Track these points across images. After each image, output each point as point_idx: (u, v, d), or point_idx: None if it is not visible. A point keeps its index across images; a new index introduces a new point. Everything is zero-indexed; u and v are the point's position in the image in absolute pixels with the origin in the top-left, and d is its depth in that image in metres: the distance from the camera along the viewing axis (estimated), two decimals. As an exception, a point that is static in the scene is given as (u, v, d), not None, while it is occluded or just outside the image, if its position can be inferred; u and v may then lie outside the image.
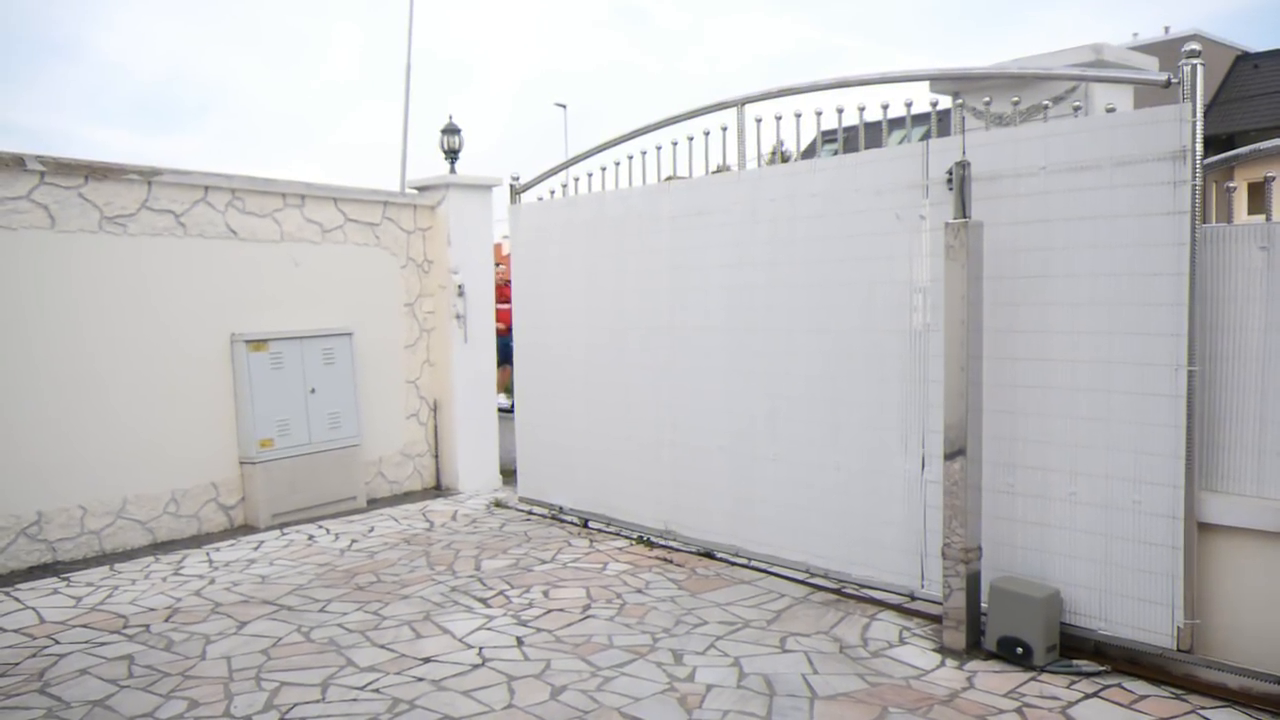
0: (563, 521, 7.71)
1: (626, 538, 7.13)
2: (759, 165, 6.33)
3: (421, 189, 9.17)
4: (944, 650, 4.85)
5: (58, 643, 5.15)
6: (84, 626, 5.39)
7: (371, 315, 8.65)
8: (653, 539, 6.99)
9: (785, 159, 6.81)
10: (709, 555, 6.60)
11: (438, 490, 9.11)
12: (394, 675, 4.65)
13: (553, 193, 7.86)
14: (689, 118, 6.58)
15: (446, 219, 8.99)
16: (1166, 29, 32.77)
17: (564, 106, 51.25)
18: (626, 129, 7.06)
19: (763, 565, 6.26)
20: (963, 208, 4.83)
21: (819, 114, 5.88)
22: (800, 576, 6.03)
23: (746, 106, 6.25)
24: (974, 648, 4.82)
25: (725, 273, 6.36)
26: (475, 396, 9.19)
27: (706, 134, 6.48)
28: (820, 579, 5.93)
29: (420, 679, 4.60)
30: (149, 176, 7.09)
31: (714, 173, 6.55)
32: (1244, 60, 29.06)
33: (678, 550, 6.75)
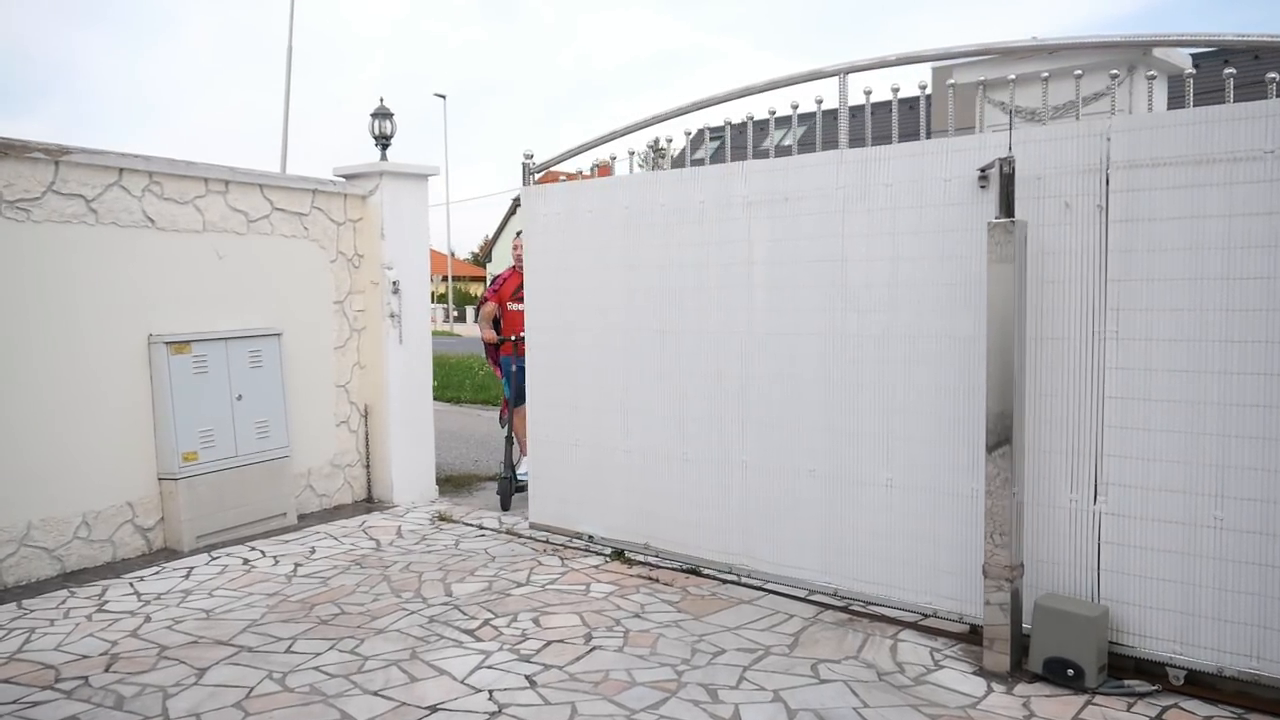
0: (521, 537, 7.19)
1: (600, 554, 6.68)
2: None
3: (350, 177, 8.42)
4: (985, 673, 4.64)
5: (-22, 704, 4.35)
6: (5, 682, 4.58)
7: (300, 313, 7.89)
8: (631, 556, 6.59)
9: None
10: (694, 572, 6.24)
11: (370, 503, 8.42)
12: (402, 729, 4.10)
13: (581, 172, 7.06)
14: (772, 89, 5.83)
15: (379, 210, 8.30)
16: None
17: (444, 97, 49.67)
18: (679, 103, 6.24)
19: (774, 588, 5.95)
20: (1007, 207, 4.63)
21: (922, 87, 5.32)
22: (801, 594, 5.75)
23: (849, 76, 5.49)
24: (1017, 669, 4.63)
25: (821, 268, 5.61)
26: (410, 401, 8.54)
27: (794, 108, 5.77)
28: (827, 597, 5.66)
29: (434, 732, 4.07)
30: (57, 156, 6.19)
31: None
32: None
33: (659, 567, 6.36)
